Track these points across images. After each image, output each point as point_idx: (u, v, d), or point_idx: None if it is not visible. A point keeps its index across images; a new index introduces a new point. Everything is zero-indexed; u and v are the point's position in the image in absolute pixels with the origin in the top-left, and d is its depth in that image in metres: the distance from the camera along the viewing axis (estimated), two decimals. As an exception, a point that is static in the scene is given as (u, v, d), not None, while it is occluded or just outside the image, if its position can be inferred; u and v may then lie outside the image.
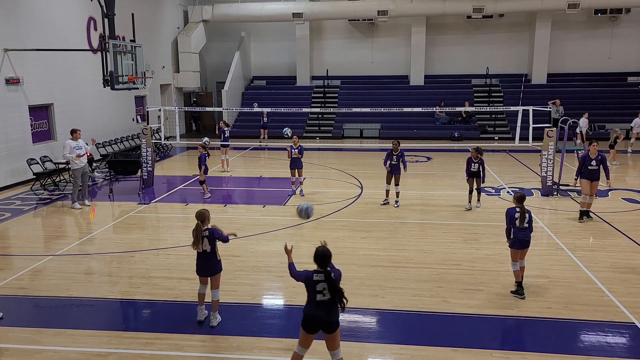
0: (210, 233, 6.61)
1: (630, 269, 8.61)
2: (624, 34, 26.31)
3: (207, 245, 6.62)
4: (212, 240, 6.62)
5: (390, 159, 12.38)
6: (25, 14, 15.59)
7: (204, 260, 6.72)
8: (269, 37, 29.06)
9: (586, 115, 20.27)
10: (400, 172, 12.45)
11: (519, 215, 7.43)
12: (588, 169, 11.19)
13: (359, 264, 8.93)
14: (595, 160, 11.16)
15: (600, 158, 11.16)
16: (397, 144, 12.39)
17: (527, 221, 7.44)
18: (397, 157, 12.35)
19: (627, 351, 6.20)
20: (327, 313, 5.20)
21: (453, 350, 6.22)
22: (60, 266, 9.06)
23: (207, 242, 6.61)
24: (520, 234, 7.46)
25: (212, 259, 6.69)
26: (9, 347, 6.40)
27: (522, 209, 7.45)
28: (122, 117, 21.19)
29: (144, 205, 13.17)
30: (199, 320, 6.88)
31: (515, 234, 7.50)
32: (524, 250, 7.61)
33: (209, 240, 6.61)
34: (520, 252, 7.59)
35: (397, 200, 12.66)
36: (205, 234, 6.59)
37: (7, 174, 14.95)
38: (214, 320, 6.84)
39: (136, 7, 19.25)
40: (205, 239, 6.60)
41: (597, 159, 11.16)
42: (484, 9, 24.33)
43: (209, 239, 6.61)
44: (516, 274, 7.60)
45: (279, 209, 12.59)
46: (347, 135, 25.58)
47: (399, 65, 28.28)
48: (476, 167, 11.99)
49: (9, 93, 14.94)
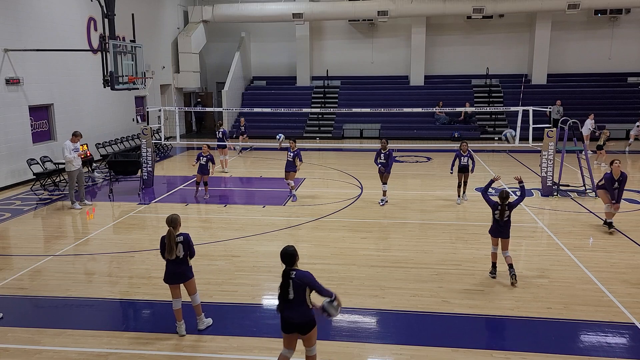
0: (185, 238, 6.44)
1: (630, 269, 8.60)
2: (624, 34, 26.32)
3: (181, 251, 6.42)
4: (186, 245, 6.44)
5: (379, 157, 12.55)
6: (26, 14, 15.59)
7: (175, 267, 6.48)
8: (269, 38, 29.08)
9: (592, 117, 20.15)
10: (389, 171, 12.59)
11: (498, 211, 8.07)
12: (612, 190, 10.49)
13: (359, 264, 8.93)
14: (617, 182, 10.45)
15: (622, 179, 10.43)
16: (385, 143, 12.56)
17: (507, 216, 8.04)
18: (385, 155, 12.46)
19: (627, 351, 6.19)
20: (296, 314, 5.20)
21: (453, 351, 6.22)
22: (60, 266, 9.06)
23: (181, 248, 6.42)
24: (498, 226, 8.13)
25: (184, 264, 6.50)
26: (9, 347, 6.40)
27: (503, 207, 8.04)
28: (122, 118, 21.20)
29: (144, 205, 13.17)
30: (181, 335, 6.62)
31: (494, 222, 8.18)
32: (504, 240, 8.16)
33: (183, 246, 6.43)
34: (498, 240, 8.20)
35: (383, 199, 12.85)
36: (180, 239, 6.41)
37: (7, 174, 14.96)
38: (201, 323, 6.73)
39: (136, 7, 19.26)
40: (180, 245, 6.41)
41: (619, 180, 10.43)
42: (484, 9, 24.35)
43: (183, 245, 6.43)
44: (493, 256, 8.33)
45: (278, 209, 12.59)
46: (347, 136, 25.60)
47: (399, 65, 28.29)
48: (465, 160, 12.19)
49: (9, 93, 14.94)
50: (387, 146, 12.52)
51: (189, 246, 6.48)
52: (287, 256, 5.27)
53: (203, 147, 13.55)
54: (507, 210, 8.02)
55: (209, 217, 12.12)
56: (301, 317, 5.20)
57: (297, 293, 5.15)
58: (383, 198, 12.87)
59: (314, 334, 5.30)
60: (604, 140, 17.42)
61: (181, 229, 6.57)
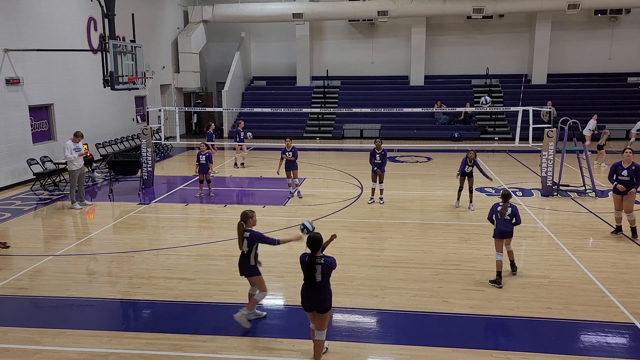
0: (251, 235, 6.61)
1: (630, 269, 8.60)
2: (624, 34, 26.32)
3: (246, 246, 6.63)
4: (251, 242, 6.61)
5: (374, 157, 12.61)
6: (26, 14, 15.59)
7: (241, 259, 6.76)
8: (269, 38, 29.08)
9: (595, 117, 20.07)
10: (384, 170, 12.70)
11: (500, 209, 8.12)
12: (619, 178, 9.91)
13: (359, 264, 8.93)
14: (627, 170, 9.88)
15: (635, 168, 9.81)
16: (379, 143, 12.67)
17: (509, 214, 8.03)
18: (380, 155, 12.54)
19: (627, 351, 6.19)
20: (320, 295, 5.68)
21: (453, 351, 6.22)
22: (60, 266, 9.06)
23: (246, 244, 6.61)
24: (502, 226, 8.06)
25: (247, 260, 6.69)
26: (9, 347, 6.40)
27: (505, 205, 8.10)
28: (122, 118, 21.19)
29: (144, 205, 13.17)
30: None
31: (497, 225, 8.12)
32: (507, 240, 8.16)
33: (248, 242, 6.61)
34: (503, 240, 8.15)
35: (381, 197, 12.97)
36: (246, 234, 6.61)
37: (7, 174, 14.95)
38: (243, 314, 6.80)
39: (136, 7, 19.25)
40: (245, 240, 6.61)
41: (629, 169, 9.85)
42: (484, 9, 24.36)
43: (248, 241, 6.60)
44: (498, 264, 8.07)
45: (279, 209, 12.59)
46: (347, 136, 25.60)
47: (399, 65, 28.30)
48: (469, 169, 12.10)
49: (9, 93, 14.94)
50: (381, 146, 12.61)
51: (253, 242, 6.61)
52: (315, 242, 5.59)
53: (201, 146, 13.61)
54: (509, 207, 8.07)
55: (209, 217, 12.12)
56: (324, 298, 5.66)
57: (324, 276, 5.61)
58: (381, 197, 12.94)
59: (328, 316, 5.75)
60: (605, 140, 17.42)
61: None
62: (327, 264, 5.60)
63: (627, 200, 10.01)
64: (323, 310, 5.66)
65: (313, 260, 5.59)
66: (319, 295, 5.64)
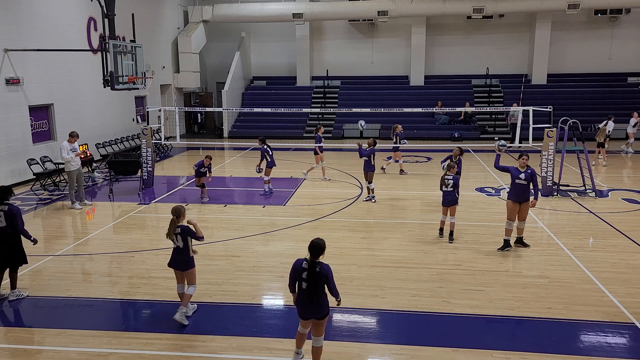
0: (182, 229, 6.81)
1: (630, 269, 8.60)
2: (624, 34, 26.32)
3: (180, 241, 6.82)
4: (183, 236, 6.81)
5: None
6: (26, 14, 15.59)
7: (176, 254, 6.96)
8: (269, 38, 29.08)
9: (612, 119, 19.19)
10: (372, 170, 12.88)
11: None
12: (516, 182, 9.18)
13: (359, 264, 8.93)
14: (524, 174, 9.23)
15: (531, 172, 9.26)
16: (372, 143, 12.86)
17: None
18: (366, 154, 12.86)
19: (627, 351, 6.19)
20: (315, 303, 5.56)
21: (453, 351, 6.22)
22: (60, 266, 9.06)
23: (180, 239, 6.81)
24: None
25: (183, 254, 6.90)
26: (9, 347, 6.40)
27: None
28: (122, 118, 21.19)
29: (144, 205, 13.16)
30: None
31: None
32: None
33: (181, 237, 6.81)
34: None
35: (367, 195, 13.08)
36: (178, 230, 6.79)
37: (7, 174, 14.94)
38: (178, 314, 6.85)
39: (136, 7, 19.26)
40: (178, 236, 6.80)
41: (526, 172, 9.24)
42: (484, 9, 24.36)
43: (181, 236, 6.80)
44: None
45: (278, 209, 12.59)
46: (347, 136, 25.58)
47: (399, 65, 28.30)
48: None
49: (9, 93, 14.94)
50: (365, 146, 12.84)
51: (186, 236, 6.80)
52: (317, 249, 5.44)
53: (204, 160, 13.08)
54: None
55: (209, 217, 12.11)
56: (322, 305, 5.54)
57: (321, 283, 5.49)
58: (373, 195, 13.02)
59: (326, 322, 5.65)
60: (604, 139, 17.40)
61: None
62: (322, 271, 5.49)
63: (523, 210, 9.25)
64: (322, 317, 5.59)
65: (314, 266, 5.47)
66: (317, 303, 5.54)
